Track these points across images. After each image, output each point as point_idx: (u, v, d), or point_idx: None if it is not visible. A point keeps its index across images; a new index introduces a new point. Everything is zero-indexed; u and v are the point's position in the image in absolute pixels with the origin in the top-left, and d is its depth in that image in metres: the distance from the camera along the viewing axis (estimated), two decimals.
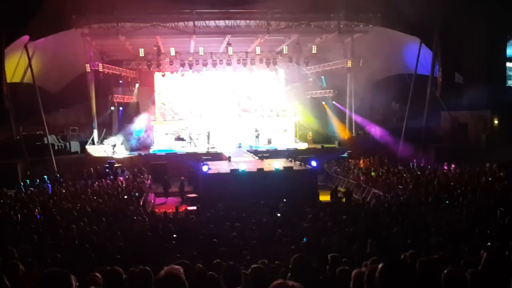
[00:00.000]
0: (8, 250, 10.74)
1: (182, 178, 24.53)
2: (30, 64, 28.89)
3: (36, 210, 16.64)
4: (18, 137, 28.96)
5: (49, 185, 23.48)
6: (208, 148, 31.91)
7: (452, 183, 19.92)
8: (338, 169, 27.68)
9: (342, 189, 22.46)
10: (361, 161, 28.64)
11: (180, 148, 32.51)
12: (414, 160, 27.97)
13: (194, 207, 17.94)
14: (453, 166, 24.98)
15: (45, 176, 24.84)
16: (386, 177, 23.20)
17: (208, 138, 33.19)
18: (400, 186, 20.70)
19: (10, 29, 28.53)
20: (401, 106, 33.74)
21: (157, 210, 18.96)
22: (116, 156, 30.51)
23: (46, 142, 29.61)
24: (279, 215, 14.82)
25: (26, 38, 28.49)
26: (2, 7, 27.95)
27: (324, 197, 20.44)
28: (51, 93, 33.54)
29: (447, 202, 15.91)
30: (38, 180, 24.36)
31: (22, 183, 24.08)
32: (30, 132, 30.59)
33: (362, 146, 31.54)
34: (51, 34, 29.12)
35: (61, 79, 34.22)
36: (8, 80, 29.07)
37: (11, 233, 13.14)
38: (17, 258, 10.39)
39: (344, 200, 19.80)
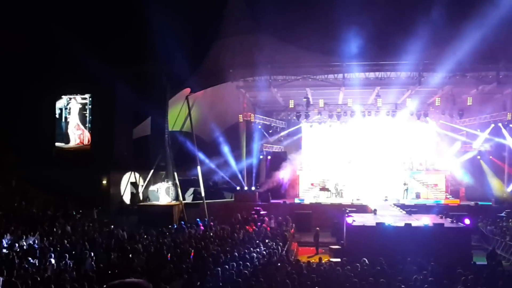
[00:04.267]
0: (160, 286, 11.50)
1: (318, 228, 24.45)
2: (189, 114, 31.26)
3: (191, 251, 17.57)
4: (175, 181, 31.23)
5: (201, 228, 24.73)
6: (352, 200, 31.45)
7: None
8: (495, 229, 25.47)
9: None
10: None
11: (325, 198, 32.45)
12: None
13: (338, 259, 17.65)
14: None
15: (198, 219, 26.27)
16: None
17: (337, 191, 33.03)
18: None
19: (175, 82, 31.39)
20: None
21: (299, 259, 18.97)
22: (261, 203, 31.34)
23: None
24: (421, 277, 13.83)
25: (187, 90, 31.01)
26: (168, 62, 30.95)
27: (479, 259, 18.86)
28: (206, 141, 35.83)
29: None
30: (190, 223, 25.84)
31: (175, 225, 25.71)
32: (185, 177, 32.82)
33: None
34: (210, 87, 31.38)
35: (216, 128, 36.50)
36: (170, 129, 31.75)
37: (166, 271, 14.01)
38: None
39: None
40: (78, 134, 34.81)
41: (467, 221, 19.87)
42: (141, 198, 31.80)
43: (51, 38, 30.64)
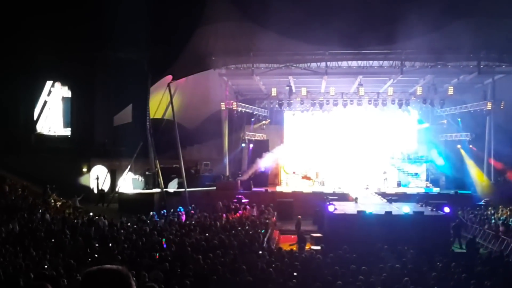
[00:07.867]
0: (141, 275, 11.40)
1: (299, 217, 24.52)
2: (171, 102, 30.94)
3: (164, 240, 17.42)
4: (156, 169, 31.00)
5: (183, 216, 24.60)
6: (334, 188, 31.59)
7: None
8: (474, 218, 25.83)
9: None
10: (500, 210, 26.46)
11: (307, 186, 32.52)
12: None
13: (318, 247, 17.74)
14: None
15: (180, 207, 26.13)
16: None
17: (319, 179, 33.39)
18: None
19: (156, 69, 31.05)
20: None
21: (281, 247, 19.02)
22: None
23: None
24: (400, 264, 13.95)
25: (169, 77, 30.68)
26: (150, 49, 30.56)
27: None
28: (188, 129, 35.56)
29: None
30: (172, 210, 25.72)
31: (155, 212, 25.54)
32: (167, 165, 32.58)
33: (501, 194, 29.13)
34: (192, 74, 31.04)
35: (198, 116, 36.23)
36: (151, 116, 31.45)
37: (146, 259, 13.91)
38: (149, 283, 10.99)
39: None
40: (52, 122, 34.56)
41: (446, 210, 20.12)
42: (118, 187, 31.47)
43: (30, 25, 30.10)
